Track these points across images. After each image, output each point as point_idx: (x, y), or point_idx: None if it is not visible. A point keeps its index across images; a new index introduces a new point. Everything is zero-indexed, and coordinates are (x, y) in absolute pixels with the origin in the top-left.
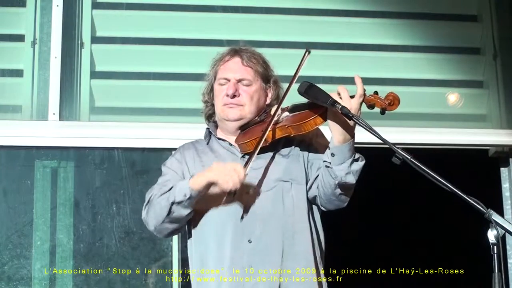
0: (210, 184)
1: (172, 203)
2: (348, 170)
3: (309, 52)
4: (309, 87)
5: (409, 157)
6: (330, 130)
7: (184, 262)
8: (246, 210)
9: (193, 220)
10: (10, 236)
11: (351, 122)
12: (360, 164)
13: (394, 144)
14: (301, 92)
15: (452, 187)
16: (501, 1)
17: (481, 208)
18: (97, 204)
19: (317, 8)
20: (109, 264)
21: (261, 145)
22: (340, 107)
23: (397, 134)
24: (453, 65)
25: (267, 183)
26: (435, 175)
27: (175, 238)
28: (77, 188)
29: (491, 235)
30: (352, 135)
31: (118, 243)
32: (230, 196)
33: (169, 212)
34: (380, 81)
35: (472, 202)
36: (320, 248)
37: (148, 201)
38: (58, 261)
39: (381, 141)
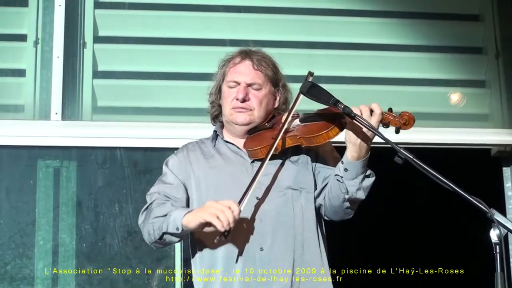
0: (203, 224)
1: (164, 233)
2: (359, 186)
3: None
4: (311, 87)
5: (412, 157)
6: (347, 145)
7: (187, 262)
8: (256, 215)
9: None
10: (12, 236)
11: (369, 133)
12: (370, 180)
13: (396, 143)
14: (303, 91)
15: (455, 187)
16: (503, 0)
17: (484, 208)
18: (99, 203)
19: (319, 8)
20: (111, 263)
21: (269, 157)
22: (342, 106)
23: (399, 134)
24: (455, 64)
25: (277, 190)
26: (437, 175)
27: None
28: (80, 188)
29: (494, 234)
30: (368, 153)
31: (120, 242)
32: (223, 237)
33: (161, 237)
34: (382, 80)
35: (475, 201)
36: (326, 255)
37: (146, 209)
38: (60, 261)
39: (383, 141)
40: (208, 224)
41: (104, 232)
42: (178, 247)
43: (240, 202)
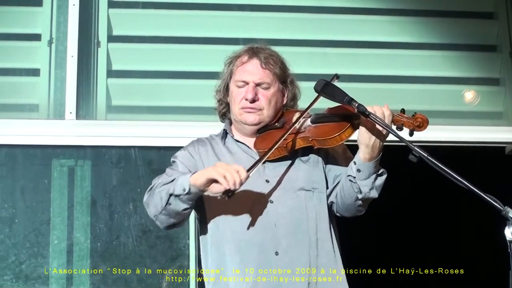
0: (210, 181)
1: (171, 195)
2: (372, 186)
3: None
4: (325, 85)
5: (426, 155)
6: (359, 147)
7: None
8: (270, 219)
9: (211, 219)
10: (27, 235)
11: (383, 131)
12: (382, 179)
13: (411, 141)
14: (317, 90)
15: (469, 185)
16: None
17: (498, 206)
18: (114, 202)
19: (333, 6)
20: (126, 262)
21: (271, 152)
22: (356, 105)
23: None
24: (469, 62)
25: (290, 192)
26: (451, 173)
27: (192, 236)
28: (94, 187)
29: (508, 232)
30: (380, 152)
31: (135, 241)
32: (225, 196)
33: (167, 203)
34: (396, 78)
35: (489, 199)
36: (339, 254)
37: (151, 188)
38: (75, 260)
39: (397, 139)
40: (215, 181)
41: (119, 231)
42: (192, 246)
43: (249, 170)
